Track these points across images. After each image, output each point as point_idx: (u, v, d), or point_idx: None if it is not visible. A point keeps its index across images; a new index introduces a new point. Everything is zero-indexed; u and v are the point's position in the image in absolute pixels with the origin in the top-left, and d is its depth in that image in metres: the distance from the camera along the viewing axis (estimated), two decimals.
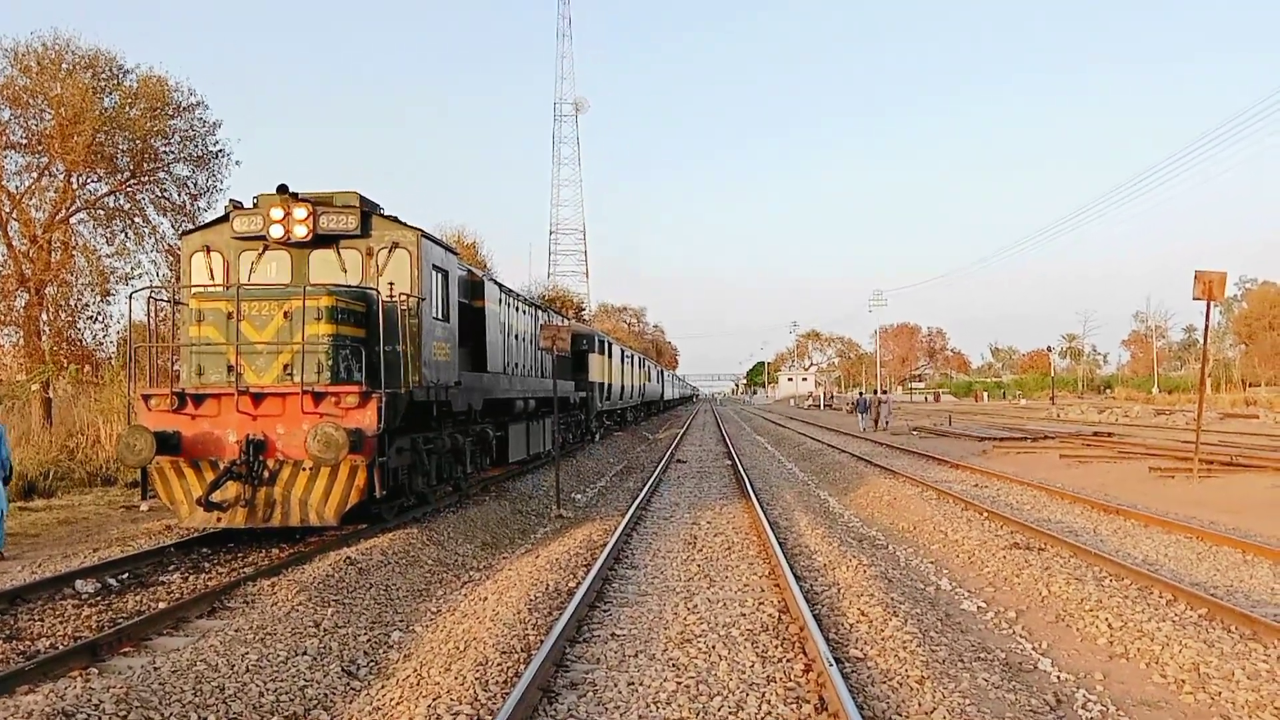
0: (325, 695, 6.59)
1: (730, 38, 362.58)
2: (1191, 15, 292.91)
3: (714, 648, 7.29)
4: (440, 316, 13.18)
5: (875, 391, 55.88)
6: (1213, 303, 17.53)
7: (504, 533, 13.69)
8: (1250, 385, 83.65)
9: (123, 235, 25.91)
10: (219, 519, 10.91)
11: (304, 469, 10.85)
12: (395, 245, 12.28)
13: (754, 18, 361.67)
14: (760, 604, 8.68)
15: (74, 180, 24.61)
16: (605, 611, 8.67)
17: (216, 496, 10.79)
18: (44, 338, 24.38)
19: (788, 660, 7.02)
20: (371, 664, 7.36)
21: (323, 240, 12.20)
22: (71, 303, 25.26)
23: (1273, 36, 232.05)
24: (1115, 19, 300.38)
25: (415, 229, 12.44)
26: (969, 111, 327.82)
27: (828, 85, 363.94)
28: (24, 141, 23.97)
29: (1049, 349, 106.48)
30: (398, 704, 6.25)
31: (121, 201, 25.84)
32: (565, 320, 27.92)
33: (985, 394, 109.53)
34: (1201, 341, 20.08)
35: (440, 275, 13.23)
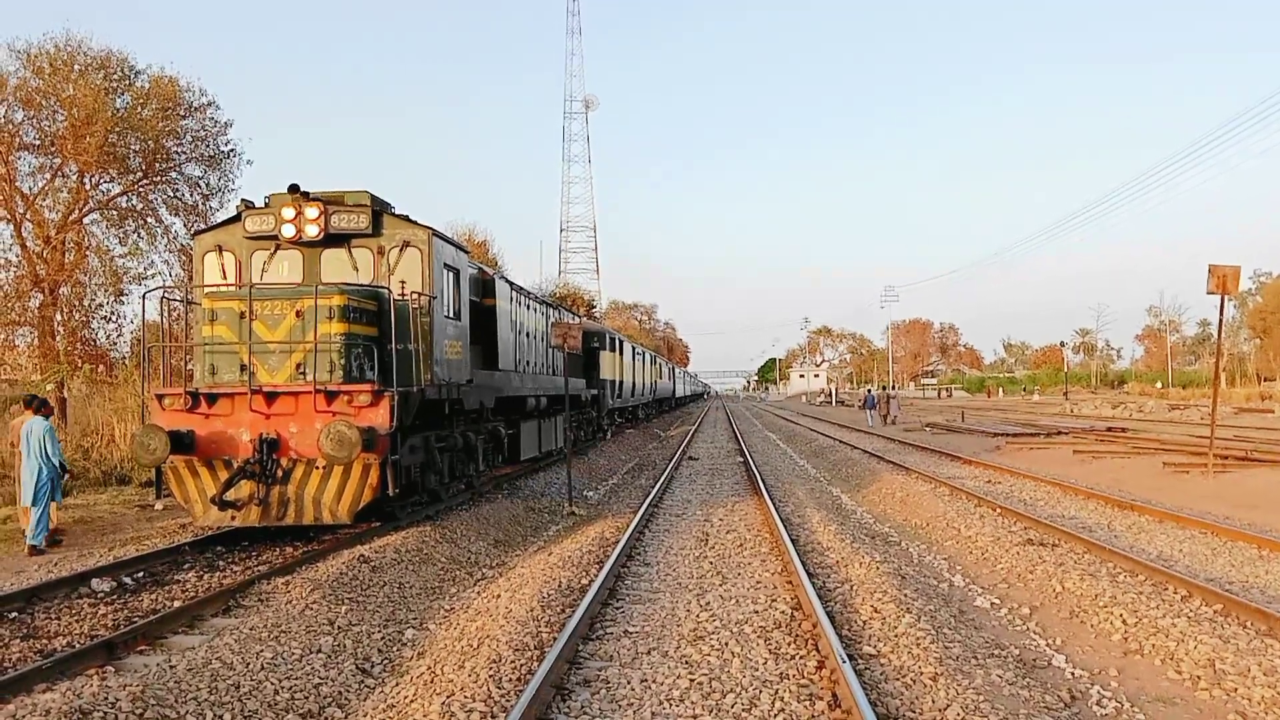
0: (339, 693, 6.61)
1: (741, 35, 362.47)
2: (1209, 9, 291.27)
3: (727, 645, 7.28)
4: (452, 315, 13.20)
5: (883, 388, 57.95)
6: (1227, 297, 17.42)
7: (516, 530, 13.70)
8: (1265, 380, 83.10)
9: (135, 235, 26.01)
10: (233, 518, 10.96)
11: (317, 467, 10.89)
12: (406, 244, 12.30)
13: (766, 15, 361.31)
14: (773, 601, 8.67)
15: (87, 181, 24.72)
16: (618, 609, 8.68)
17: (230, 495, 10.84)
18: (58, 338, 24.49)
19: (801, 657, 7.01)
20: (385, 661, 7.38)
21: (334, 239, 12.23)
22: (85, 303, 25.36)
23: None
24: (1133, 11, 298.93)
25: (426, 227, 12.46)
26: (981, 107, 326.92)
27: (839, 81, 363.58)
28: (37, 143, 24.08)
29: (1062, 344, 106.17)
30: (412, 701, 6.27)
31: (134, 202, 25.94)
32: (576, 318, 27.94)
33: (1001, 389, 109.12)
34: (1216, 336, 19.96)
35: (451, 273, 13.25)
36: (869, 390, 60.23)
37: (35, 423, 12.02)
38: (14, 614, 8.30)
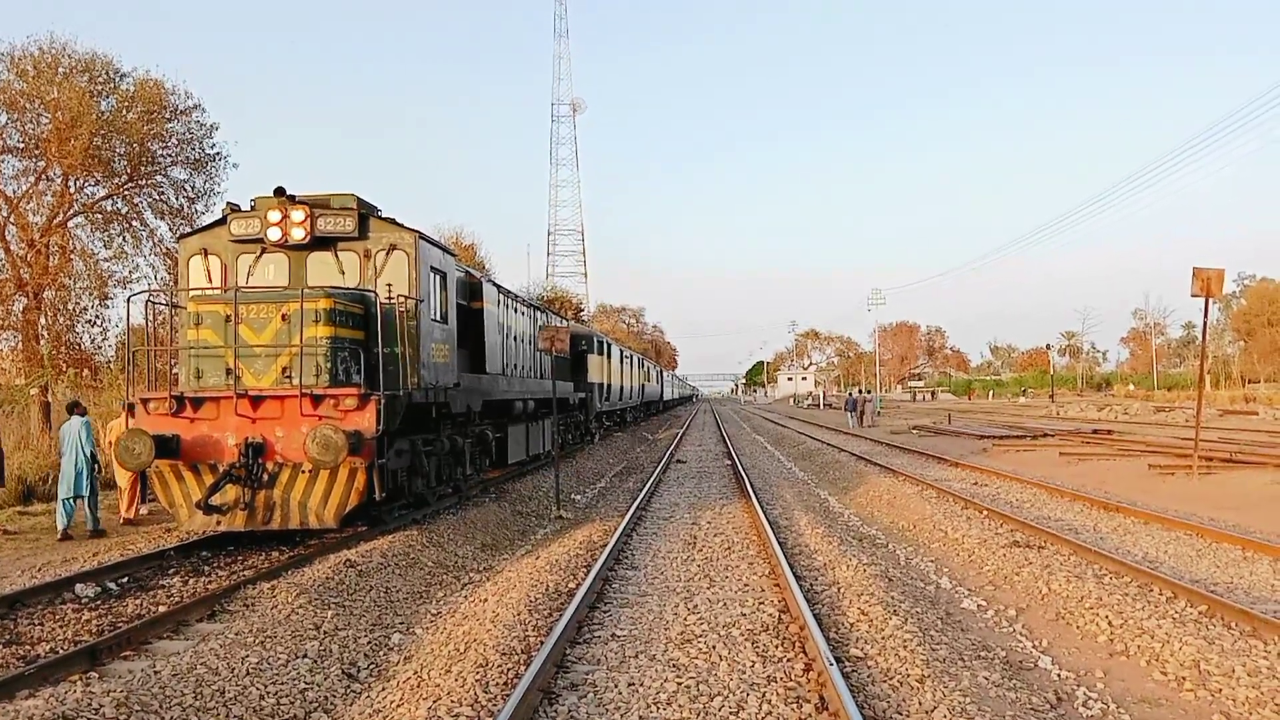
0: (325, 698, 6.58)
1: (730, 39, 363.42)
2: (1189, 13, 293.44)
3: (714, 648, 7.28)
4: (438, 318, 13.17)
5: (860, 391, 61.76)
6: (1211, 299, 17.52)
7: (504, 534, 13.67)
8: (1249, 382, 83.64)
9: (120, 239, 25.84)
10: (218, 522, 10.90)
11: (303, 471, 10.84)
12: (393, 247, 12.27)
13: (754, 19, 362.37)
14: (760, 604, 8.67)
15: (71, 184, 24.57)
16: (605, 612, 8.66)
17: (216, 499, 10.78)
18: (42, 342, 24.32)
19: (788, 660, 7.01)
20: (372, 666, 7.35)
21: (320, 242, 12.19)
22: (69, 307, 25.19)
23: (1271, 35, 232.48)
24: (1111, 17, 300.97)
25: (413, 230, 12.43)
26: (967, 111, 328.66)
27: (826, 86, 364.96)
28: (21, 146, 23.92)
29: (1048, 346, 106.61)
30: (398, 706, 6.25)
31: (119, 205, 25.78)
32: (564, 321, 27.91)
33: (990, 393, 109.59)
34: (1200, 338, 20.09)
35: (438, 277, 13.22)
36: (850, 394, 62.84)
37: (74, 422, 13.31)
38: None
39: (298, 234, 11.99)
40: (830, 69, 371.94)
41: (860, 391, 63.24)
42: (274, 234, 11.99)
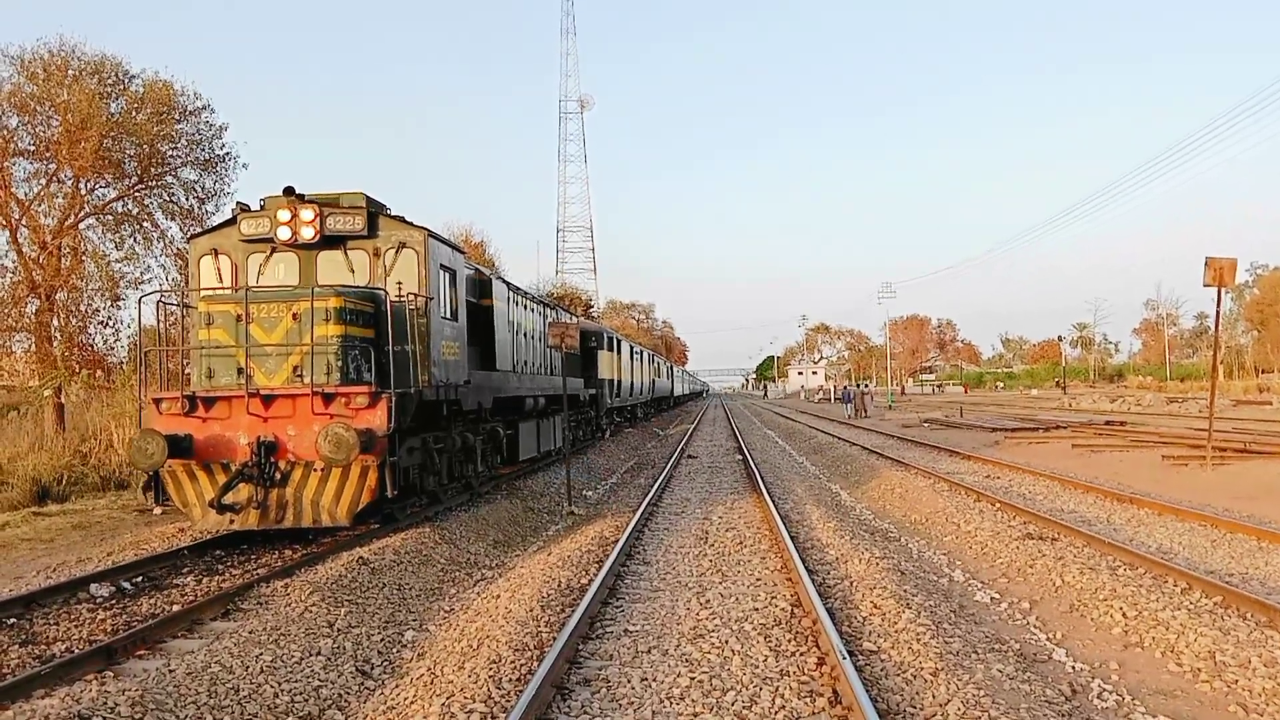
0: (339, 695, 6.60)
1: (739, 37, 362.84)
2: (1198, 7, 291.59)
3: (727, 642, 7.27)
4: (448, 316, 13.18)
5: (857, 385, 66.18)
6: (1224, 289, 17.43)
7: (516, 530, 13.69)
8: (1263, 372, 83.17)
9: (131, 240, 25.97)
10: (231, 521, 10.93)
11: (315, 470, 10.86)
12: (402, 245, 12.28)
13: (763, 17, 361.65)
14: (773, 598, 8.66)
15: (82, 186, 24.68)
16: (618, 608, 8.67)
17: (229, 498, 10.81)
18: (55, 343, 24.46)
19: (801, 654, 7.00)
20: (385, 663, 7.37)
21: (330, 241, 12.21)
22: (82, 308, 25.32)
23: None
24: (1125, 11, 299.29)
25: (422, 228, 12.45)
26: (977, 106, 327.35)
27: (836, 82, 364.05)
28: (32, 148, 24.04)
29: (1060, 338, 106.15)
30: (412, 703, 6.26)
31: (130, 206, 25.90)
32: (574, 317, 27.91)
33: (999, 385, 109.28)
34: (1213, 328, 19.97)
35: (448, 274, 13.23)
36: (845, 386, 66.87)
37: None
38: (12, 620, 8.27)
39: (307, 233, 12.02)
40: (839, 66, 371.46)
41: (858, 386, 68.08)
42: (284, 233, 12.01)
